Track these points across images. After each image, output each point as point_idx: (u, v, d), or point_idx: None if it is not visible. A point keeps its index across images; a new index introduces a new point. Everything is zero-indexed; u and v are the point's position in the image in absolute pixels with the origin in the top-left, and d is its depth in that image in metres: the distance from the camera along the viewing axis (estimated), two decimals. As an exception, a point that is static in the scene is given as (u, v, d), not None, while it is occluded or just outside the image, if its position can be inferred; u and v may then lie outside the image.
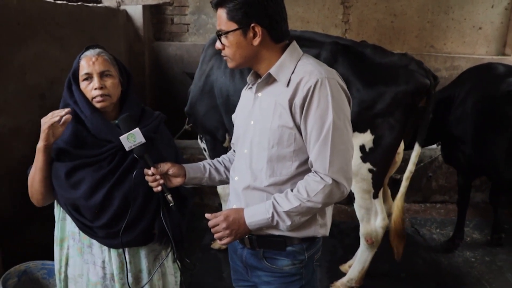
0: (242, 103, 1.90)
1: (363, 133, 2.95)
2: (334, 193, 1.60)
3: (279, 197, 1.63)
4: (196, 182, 1.91)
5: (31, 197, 1.92)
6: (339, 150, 1.58)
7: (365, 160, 3.00)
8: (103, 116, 1.88)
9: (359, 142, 2.96)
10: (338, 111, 1.58)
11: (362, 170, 3.00)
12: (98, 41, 4.10)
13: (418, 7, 5.55)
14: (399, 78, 2.90)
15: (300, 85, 1.60)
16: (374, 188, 3.08)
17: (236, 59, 1.70)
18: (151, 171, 1.78)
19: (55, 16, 3.45)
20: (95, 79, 1.85)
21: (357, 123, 2.88)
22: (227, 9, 1.63)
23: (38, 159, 1.83)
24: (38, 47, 3.22)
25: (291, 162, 1.66)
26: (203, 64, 3.67)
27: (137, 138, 1.75)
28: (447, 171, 4.74)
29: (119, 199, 1.83)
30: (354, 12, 5.56)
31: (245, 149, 1.75)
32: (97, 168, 1.84)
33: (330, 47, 3.02)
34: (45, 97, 3.28)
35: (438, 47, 5.68)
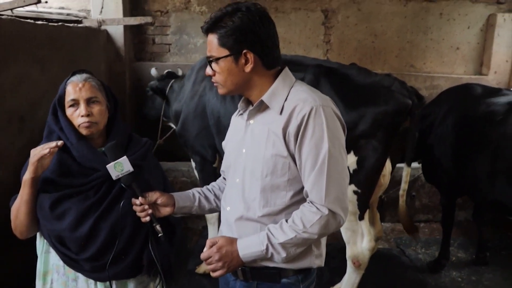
0: (232, 130, 1.86)
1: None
2: (330, 224, 1.57)
3: (274, 228, 1.59)
4: (186, 211, 1.86)
5: (14, 230, 1.83)
6: (335, 179, 1.55)
7: (349, 182, 2.98)
8: (89, 144, 1.82)
9: None
10: (333, 140, 1.56)
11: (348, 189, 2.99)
12: (78, 61, 4.08)
13: (398, 28, 5.63)
14: (380, 98, 2.90)
15: (294, 113, 1.57)
16: (359, 210, 3.06)
17: (227, 85, 1.66)
18: (139, 201, 1.73)
19: (36, 37, 3.37)
20: (81, 105, 1.79)
21: None
22: (218, 35, 1.60)
23: (24, 192, 1.75)
24: (18, 69, 3.14)
25: (285, 192, 1.62)
26: (195, 84, 3.66)
27: (124, 166, 1.70)
28: (430, 190, 4.76)
29: (106, 231, 1.76)
30: (335, 33, 5.62)
31: (237, 178, 1.71)
32: (83, 198, 1.77)
33: (313, 70, 3.03)
34: (25, 120, 3.19)
35: (418, 66, 5.77)
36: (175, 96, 4.08)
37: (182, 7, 5.52)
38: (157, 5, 5.50)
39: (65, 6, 5.23)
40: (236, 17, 1.58)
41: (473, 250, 4.25)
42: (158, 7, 5.51)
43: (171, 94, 4.15)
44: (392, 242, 4.49)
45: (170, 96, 4.17)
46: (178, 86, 4.11)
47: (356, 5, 5.57)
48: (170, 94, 4.17)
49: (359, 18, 5.59)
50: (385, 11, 5.58)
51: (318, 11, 5.57)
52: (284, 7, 5.52)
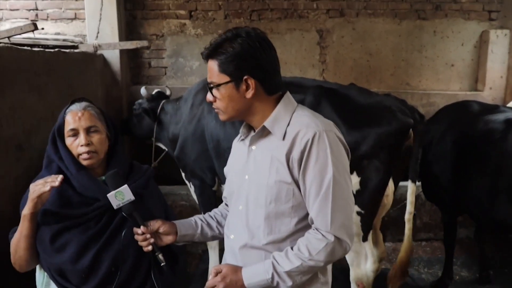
0: (234, 156, 1.84)
1: None
2: (336, 251, 1.54)
3: (279, 256, 1.56)
4: (188, 239, 1.83)
5: (14, 263, 1.80)
6: (340, 205, 1.54)
7: None
8: (89, 173, 1.80)
9: None
10: (338, 165, 1.54)
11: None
12: (75, 87, 4.07)
13: (393, 46, 5.67)
14: (382, 119, 2.90)
15: (297, 138, 1.56)
16: (363, 231, 3.03)
17: (228, 112, 1.65)
18: (141, 230, 1.70)
19: (33, 64, 3.36)
20: (81, 135, 1.78)
21: None
22: (219, 61, 1.59)
23: (24, 227, 1.72)
24: (15, 96, 3.12)
25: (289, 219, 1.60)
26: (193, 108, 3.64)
27: (125, 195, 1.68)
28: (430, 208, 4.73)
29: (108, 262, 1.73)
30: (330, 52, 5.64)
31: (240, 206, 1.69)
32: (84, 229, 1.75)
33: (314, 91, 3.04)
34: (22, 149, 3.15)
35: (414, 84, 5.79)
36: (169, 118, 4.01)
37: (177, 31, 5.55)
38: (152, 29, 5.53)
39: (61, 31, 5.25)
40: (236, 43, 1.57)
41: (476, 268, 4.20)
42: (153, 31, 5.53)
43: (164, 116, 4.07)
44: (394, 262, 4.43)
45: (162, 117, 4.08)
46: (172, 108, 4.03)
47: (351, 24, 5.61)
48: (162, 116, 4.08)
49: (354, 37, 5.62)
50: (380, 30, 5.62)
51: (313, 31, 5.61)
52: (279, 28, 5.56)
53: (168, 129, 4.00)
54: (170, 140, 3.98)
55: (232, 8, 5.52)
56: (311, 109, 2.95)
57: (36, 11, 5.28)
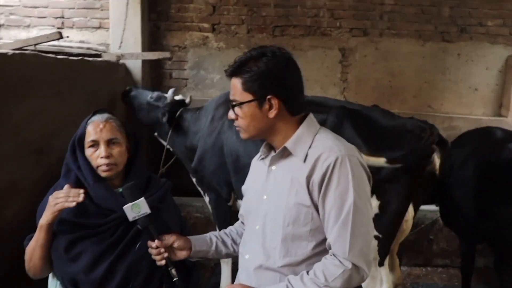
0: (253, 174, 1.82)
1: None
2: (353, 278, 1.51)
3: (294, 280, 1.53)
4: (202, 255, 1.82)
5: (28, 271, 1.80)
6: (359, 232, 1.50)
7: None
8: (107, 185, 1.80)
9: None
10: (359, 191, 1.51)
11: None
12: (97, 95, 4.11)
13: (416, 68, 5.61)
14: (404, 142, 2.86)
15: (319, 161, 1.53)
16: (380, 256, 2.97)
17: (249, 130, 1.64)
18: (155, 244, 1.69)
19: (56, 71, 3.42)
20: (101, 147, 1.78)
21: None
22: (243, 80, 1.58)
23: (40, 237, 1.73)
24: (38, 101, 3.17)
25: (307, 242, 1.57)
26: (214, 121, 3.63)
27: (142, 208, 1.68)
28: (448, 234, 4.62)
29: (122, 273, 1.73)
30: (352, 71, 5.61)
31: (257, 225, 1.66)
32: (99, 240, 1.75)
33: (336, 111, 3.00)
34: (42, 152, 3.20)
35: (436, 107, 5.71)
36: (187, 126, 3.98)
37: (200, 43, 5.58)
38: (175, 40, 5.57)
39: (85, 40, 5.32)
40: (261, 62, 1.56)
41: (493, 299, 4.11)
42: (176, 42, 5.57)
43: (182, 123, 4.02)
44: (409, 287, 4.35)
45: (180, 124, 4.02)
46: (191, 116, 3.99)
47: (374, 44, 5.58)
48: (180, 123, 4.03)
49: (377, 57, 5.59)
50: (403, 51, 5.58)
51: (336, 50, 5.59)
52: (301, 45, 5.55)
53: (186, 137, 3.97)
54: (186, 148, 3.97)
55: (255, 23, 5.54)
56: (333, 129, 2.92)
57: (63, 19, 5.36)
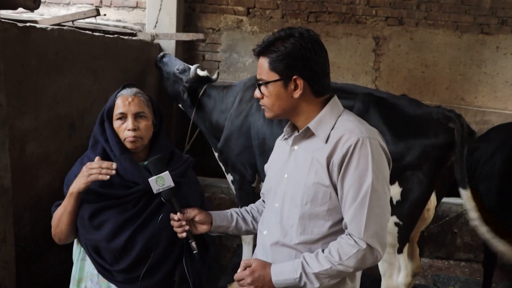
0: (276, 154, 1.85)
1: (391, 186, 2.85)
2: (367, 258, 1.53)
3: (309, 257, 1.56)
4: (222, 230, 1.86)
5: (54, 236, 1.88)
6: (375, 214, 1.52)
7: (391, 213, 2.90)
8: (132, 157, 1.86)
9: None
10: (378, 173, 1.53)
11: (388, 224, 2.91)
12: (130, 73, 4.19)
13: (450, 59, 5.51)
14: (429, 130, 2.85)
15: (339, 142, 1.56)
16: (399, 243, 2.97)
17: (274, 109, 1.67)
18: (178, 217, 1.74)
19: (92, 47, 3.50)
20: (129, 119, 1.84)
21: None
22: (270, 59, 1.61)
23: (69, 204, 1.80)
24: (73, 77, 3.26)
25: (323, 221, 1.60)
26: (242, 103, 3.66)
27: (166, 181, 1.72)
28: (473, 228, 4.57)
29: (142, 244, 1.79)
30: (385, 60, 5.55)
31: (276, 203, 1.70)
32: (121, 210, 1.81)
33: (363, 98, 3.01)
34: (75, 127, 3.29)
35: (469, 100, 5.60)
36: (212, 103, 4.01)
37: (234, 26, 5.61)
38: (209, 22, 5.61)
39: (122, 19, 5.42)
40: (288, 43, 1.59)
41: (516, 296, 4.05)
42: (210, 25, 5.62)
43: (207, 100, 4.06)
44: (429, 279, 4.32)
45: (205, 101, 4.06)
46: (218, 94, 4.01)
47: (409, 34, 5.49)
48: (205, 100, 4.07)
49: (411, 47, 5.51)
50: (438, 42, 5.48)
51: (370, 38, 5.53)
52: (335, 32, 5.52)
53: (211, 114, 4.00)
54: (211, 125, 4.01)
55: (290, 8, 5.53)
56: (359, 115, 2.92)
57: (101, -3, 5.48)
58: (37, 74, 2.88)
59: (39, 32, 2.89)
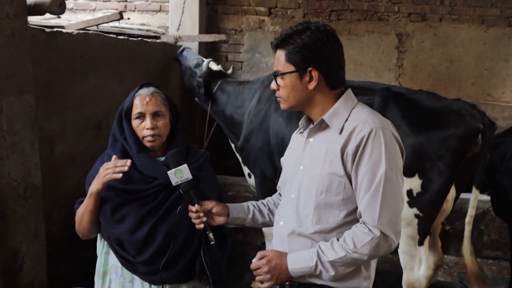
0: (292, 147, 1.89)
1: (411, 178, 2.88)
2: (381, 246, 1.55)
3: (324, 245, 1.59)
4: (239, 222, 1.90)
5: (77, 232, 1.96)
6: (389, 202, 1.54)
7: (411, 205, 2.92)
8: (150, 155, 1.92)
9: (406, 186, 2.88)
10: (391, 163, 1.55)
11: (408, 215, 2.92)
12: (154, 75, 4.28)
13: (476, 54, 5.42)
14: (449, 122, 2.85)
15: (353, 133, 1.58)
16: (419, 235, 2.97)
17: (289, 101, 1.70)
18: (195, 208, 1.79)
19: (116, 51, 3.60)
20: (147, 119, 1.89)
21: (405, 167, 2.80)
22: (286, 51, 1.65)
23: (90, 203, 1.87)
24: (98, 79, 3.36)
25: (338, 211, 1.62)
26: (260, 102, 3.71)
27: (184, 174, 1.77)
28: (501, 225, 4.49)
29: (162, 235, 1.84)
30: (408, 57, 5.50)
31: (292, 194, 1.73)
32: (142, 204, 1.87)
33: (382, 93, 3.03)
34: (100, 128, 3.40)
35: (496, 95, 5.49)
36: (226, 98, 4.09)
37: (256, 27, 5.66)
38: (232, 23, 5.68)
39: (146, 22, 5.54)
40: (305, 35, 1.63)
41: (546, 293, 3.95)
42: (232, 26, 5.69)
43: (221, 95, 4.14)
44: (456, 276, 4.26)
45: (218, 96, 4.15)
46: (233, 89, 4.09)
47: (433, 29, 5.43)
48: (218, 94, 4.16)
49: (435, 43, 5.44)
50: (463, 37, 5.40)
51: (392, 35, 5.49)
52: (357, 30, 5.50)
53: (225, 108, 4.09)
54: (226, 118, 4.12)
55: (311, 7, 5.54)
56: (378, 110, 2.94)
57: (125, 2, 5.60)
58: (63, 77, 2.99)
59: (65, 36, 3.00)
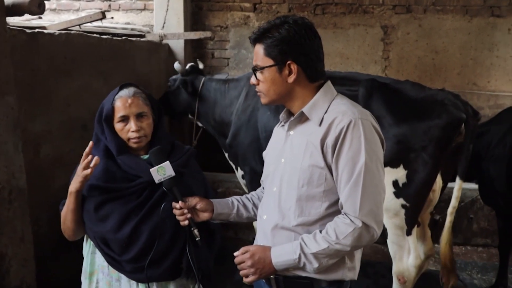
0: (273, 140, 1.89)
1: (396, 168, 2.90)
2: (363, 236, 1.56)
3: (307, 238, 1.60)
4: (223, 217, 1.91)
5: (64, 232, 1.95)
6: (370, 192, 1.55)
7: (398, 196, 2.94)
8: (132, 155, 1.92)
9: (392, 177, 2.91)
10: (371, 153, 1.56)
11: (395, 206, 2.94)
12: (139, 74, 4.26)
13: (461, 44, 5.45)
14: (433, 112, 2.86)
15: (333, 125, 1.59)
16: (407, 225, 2.99)
17: (269, 95, 1.70)
18: (179, 205, 1.79)
19: (100, 50, 3.58)
20: (131, 121, 1.87)
21: (390, 158, 2.85)
22: (265, 45, 1.65)
23: (71, 202, 1.85)
24: (82, 80, 3.34)
25: (320, 203, 1.63)
26: (248, 98, 3.71)
27: (167, 171, 1.77)
28: (489, 213, 4.54)
29: (147, 234, 1.83)
30: (394, 49, 5.52)
31: (274, 187, 1.74)
32: (125, 202, 1.86)
33: (366, 84, 3.04)
34: (87, 128, 3.38)
35: (481, 84, 5.53)
36: (213, 97, 4.02)
37: (241, 23, 5.65)
38: (217, 20, 5.67)
39: (131, 21, 5.51)
40: (283, 29, 1.63)
41: (536, 279, 4.00)
42: (218, 23, 5.68)
43: (207, 94, 4.06)
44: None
45: (205, 94, 4.07)
46: (219, 88, 4.02)
47: (417, 21, 5.46)
48: (204, 93, 4.07)
49: (420, 34, 5.47)
50: (447, 27, 5.43)
51: (377, 27, 5.51)
52: (342, 23, 5.51)
53: (214, 109, 4.01)
54: (215, 121, 4.03)
55: (296, 1, 5.54)
56: (363, 101, 2.95)
57: (109, 2, 5.58)
58: (47, 78, 2.97)
59: (47, 37, 2.98)
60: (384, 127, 2.86)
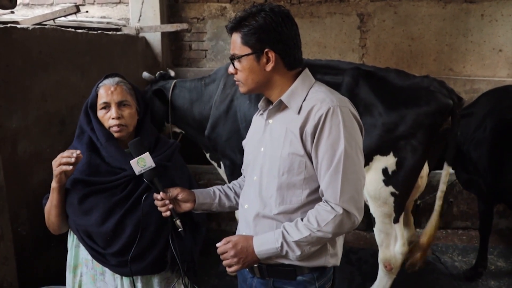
0: (253, 129, 1.90)
1: (385, 156, 2.94)
2: (344, 223, 1.57)
3: (289, 226, 1.61)
4: (206, 207, 1.91)
5: (48, 227, 1.94)
6: (350, 179, 1.56)
7: (387, 184, 2.97)
8: (118, 145, 1.90)
9: (381, 165, 2.94)
10: (350, 140, 1.57)
11: (385, 194, 2.97)
12: (117, 68, 4.21)
13: (436, 31, 5.52)
14: (421, 99, 2.90)
15: (311, 112, 1.59)
16: (395, 212, 3.02)
17: (248, 84, 1.70)
18: (160, 196, 1.79)
19: (76, 44, 3.53)
20: (112, 108, 1.87)
21: (380, 146, 2.88)
22: (242, 34, 1.65)
23: (53, 197, 1.84)
24: (59, 74, 3.29)
25: (301, 190, 1.64)
26: (226, 88, 3.64)
27: (147, 162, 1.77)
28: (468, 196, 4.63)
29: (131, 227, 1.83)
30: (371, 37, 5.56)
31: (254, 176, 1.74)
32: (109, 195, 1.85)
33: (352, 72, 3.04)
34: (65, 123, 3.33)
35: (457, 70, 5.62)
36: (188, 97, 3.89)
37: (218, 14, 5.62)
38: (193, 12, 5.63)
39: (106, 15, 5.43)
40: (259, 17, 1.62)
41: (513, 259, 4.10)
42: (194, 14, 5.63)
43: (182, 95, 3.92)
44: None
45: (177, 98, 3.92)
46: (195, 87, 3.90)
47: (393, 8, 5.50)
48: (176, 96, 3.92)
49: (396, 21, 5.52)
50: (423, 14, 5.49)
51: (354, 15, 5.54)
52: (319, 12, 5.52)
53: (192, 109, 3.87)
54: (195, 120, 3.89)
55: (272, -9, 5.53)
56: (349, 90, 2.96)
57: (84, -5, 5.49)
58: (22, 74, 2.92)
59: (21, 32, 2.92)
60: (373, 115, 2.89)
